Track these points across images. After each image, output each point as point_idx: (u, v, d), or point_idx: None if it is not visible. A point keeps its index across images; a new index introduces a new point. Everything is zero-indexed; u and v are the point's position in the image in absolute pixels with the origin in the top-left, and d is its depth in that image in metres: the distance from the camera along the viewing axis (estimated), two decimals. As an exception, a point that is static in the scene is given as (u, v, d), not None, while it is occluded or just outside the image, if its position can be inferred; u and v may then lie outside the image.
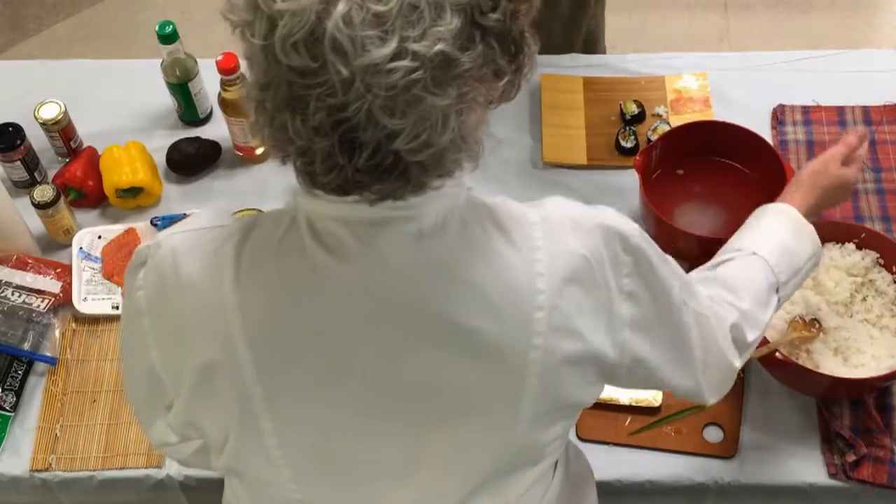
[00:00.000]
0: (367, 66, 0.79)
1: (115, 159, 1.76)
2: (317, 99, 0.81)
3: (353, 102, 0.81)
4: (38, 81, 1.96)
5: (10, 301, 1.64)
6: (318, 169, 0.86)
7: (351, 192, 0.88)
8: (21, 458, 1.53)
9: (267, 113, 0.86)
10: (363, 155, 0.84)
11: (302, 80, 0.81)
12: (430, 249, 0.93)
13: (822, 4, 3.19)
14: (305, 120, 0.83)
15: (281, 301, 0.95)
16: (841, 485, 1.45)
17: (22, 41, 3.27)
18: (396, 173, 0.86)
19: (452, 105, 0.83)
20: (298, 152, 0.87)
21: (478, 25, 0.83)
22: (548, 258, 0.95)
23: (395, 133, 0.82)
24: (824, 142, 1.81)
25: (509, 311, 0.94)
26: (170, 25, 1.76)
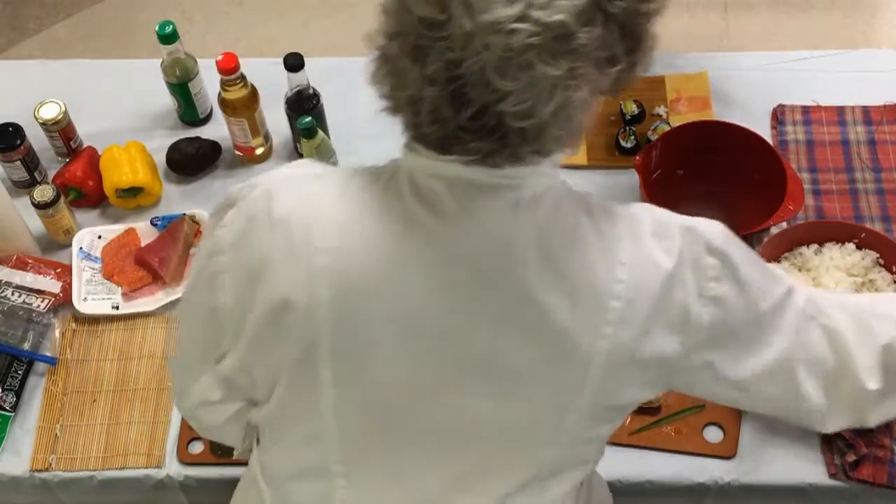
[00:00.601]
0: (490, 24, 0.83)
1: (115, 159, 1.76)
2: (437, 51, 0.86)
3: (469, 58, 0.84)
4: (38, 81, 1.96)
5: (10, 301, 1.65)
6: (424, 119, 0.90)
7: (450, 148, 0.91)
8: (21, 458, 1.53)
9: (388, 61, 0.91)
10: (468, 111, 0.87)
11: (428, 31, 0.86)
12: (523, 221, 0.95)
13: (822, 4, 3.19)
14: (422, 69, 0.87)
15: (372, 247, 0.96)
16: (841, 485, 1.45)
17: (22, 41, 3.27)
18: (496, 136, 0.89)
19: (562, 78, 0.85)
20: (409, 101, 0.90)
21: (601, 8, 0.86)
22: (631, 251, 0.97)
23: (503, 95, 0.85)
24: (824, 142, 1.81)
25: (586, 294, 0.96)
26: (170, 25, 1.76)
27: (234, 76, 1.71)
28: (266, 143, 1.84)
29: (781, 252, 1.58)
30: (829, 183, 1.77)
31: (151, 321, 1.66)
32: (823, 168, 1.78)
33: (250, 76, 1.74)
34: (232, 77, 1.71)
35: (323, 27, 3.24)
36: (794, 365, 1.07)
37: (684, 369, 1.02)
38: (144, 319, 1.66)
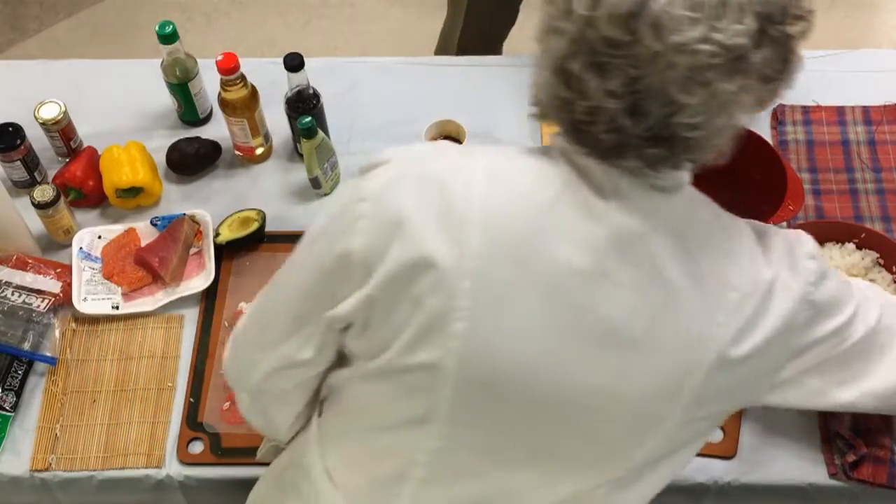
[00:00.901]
0: (677, 45, 0.91)
1: (115, 159, 1.76)
2: (618, 68, 0.93)
3: (651, 75, 0.92)
4: (38, 81, 1.96)
5: (10, 301, 1.65)
6: (600, 128, 0.97)
7: (621, 153, 0.99)
8: (21, 458, 1.53)
9: (567, 75, 0.97)
10: (646, 122, 0.95)
11: (610, 49, 0.93)
12: (665, 203, 1.03)
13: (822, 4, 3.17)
14: (604, 83, 0.94)
15: (527, 205, 1.01)
16: (841, 485, 1.45)
17: (22, 41, 3.27)
18: (666, 144, 0.97)
19: (735, 94, 0.94)
20: (587, 111, 0.97)
21: (766, 32, 0.94)
22: (750, 251, 1.06)
23: (680, 108, 0.94)
24: (824, 142, 1.81)
25: (710, 282, 1.03)
26: (170, 25, 1.76)
27: (234, 76, 1.71)
28: (266, 143, 1.84)
29: (781, 252, 1.58)
30: (829, 183, 1.77)
31: (151, 321, 1.66)
32: (823, 168, 1.79)
33: (250, 76, 1.74)
34: (232, 77, 1.71)
35: (323, 27, 3.24)
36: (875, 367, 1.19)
37: (780, 375, 1.11)
38: (144, 319, 1.66)
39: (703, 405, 1.07)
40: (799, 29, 0.97)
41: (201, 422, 1.54)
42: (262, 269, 1.70)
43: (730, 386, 1.07)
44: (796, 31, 0.97)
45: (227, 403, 1.56)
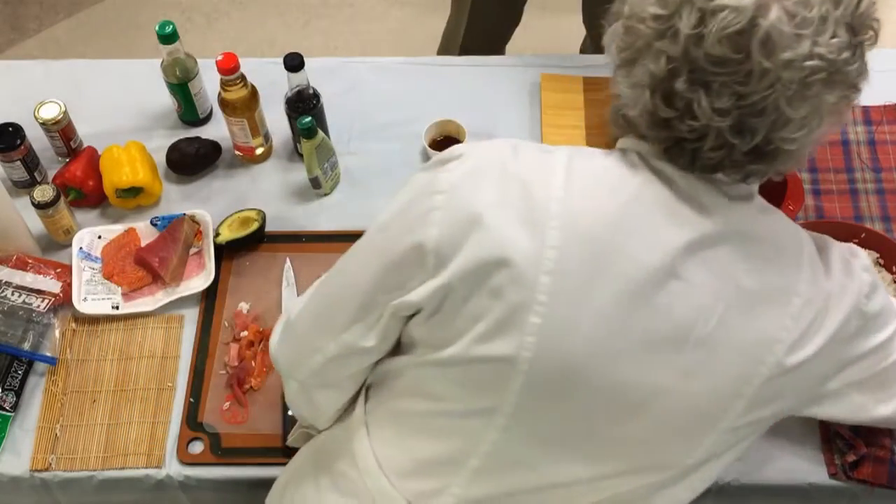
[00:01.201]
0: (786, 62, 0.94)
1: (115, 159, 1.76)
2: (724, 85, 0.96)
3: (760, 91, 0.96)
4: (38, 81, 1.96)
5: (10, 301, 1.65)
6: (708, 146, 1.00)
7: (721, 169, 1.03)
8: (21, 458, 1.53)
9: (670, 95, 0.99)
10: (753, 138, 0.99)
11: (716, 68, 0.96)
12: (737, 210, 1.06)
13: (822, 4, 3.19)
14: (712, 101, 0.97)
15: (602, 203, 1.04)
16: (841, 485, 1.45)
17: (22, 41, 3.27)
18: (767, 159, 1.02)
19: (834, 105, 1.00)
20: (692, 130, 1.00)
21: (853, 44, 0.99)
22: (811, 257, 1.09)
23: (786, 121, 0.98)
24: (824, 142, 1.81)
25: (775, 284, 1.06)
26: (170, 25, 1.76)
27: (234, 76, 1.71)
28: (266, 143, 1.84)
29: (781, 252, 1.58)
30: (829, 183, 1.77)
31: (151, 321, 1.66)
32: (823, 168, 1.79)
33: (250, 76, 1.74)
34: (232, 77, 1.71)
35: (323, 27, 3.24)
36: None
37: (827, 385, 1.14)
38: (144, 319, 1.66)
39: (754, 410, 1.09)
40: (871, 37, 1.02)
41: (201, 422, 1.54)
42: (262, 269, 1.70)
43: (781, 392, 1.09)
44: (870, 39, 1.02)
45: (226, 403, 1.56)
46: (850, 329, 1.10)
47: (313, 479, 1.28)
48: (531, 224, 1.02)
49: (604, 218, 1.03)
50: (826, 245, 1.13)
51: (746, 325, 1.05)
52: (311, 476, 1.29)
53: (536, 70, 1.94)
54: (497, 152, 1.08)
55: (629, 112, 1.05)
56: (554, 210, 1.02)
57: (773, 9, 0.94)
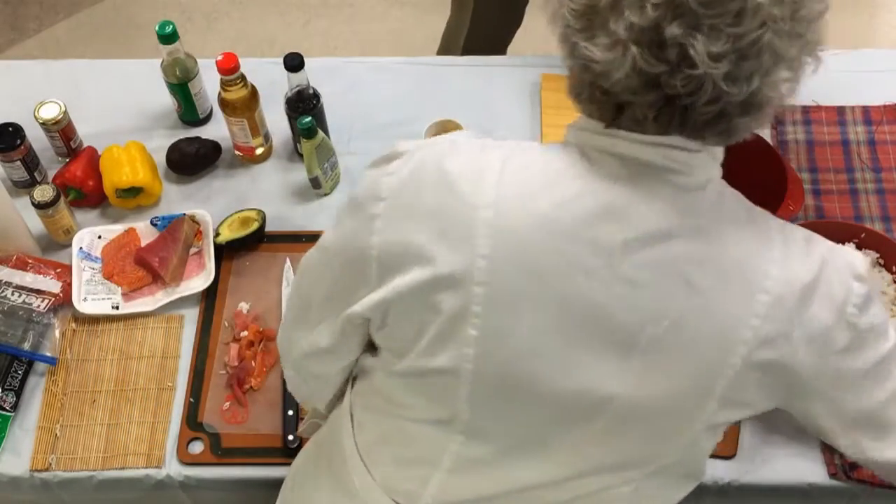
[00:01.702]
0: None
1: (115, 159, 1.76)
2: (712, 28, 0.89)
3: (753, 31, 0.90)
4: (38, 81, 1.96)
5: (10, 301, 1.65)
6: (703, 99, 0.93)
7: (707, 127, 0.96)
8: (21, 458, 1.53)
9: (662, 44, 0.91)
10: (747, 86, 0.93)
11: (703, 9, 0.89)
12: (687, 203, 1.00)
13: (822, 4, 3.19)
14: (709, 45, 0.90)
15: (537, 208, 0.99)
16: (841, 485, 1.45)
17: (22, 41, 3.27)
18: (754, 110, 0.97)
19: (815, 44, 0.98)
20: (687, 81, 0.91)
21: None
22: (782, 251, 1.02)
23: (779, 64, 0.94)
24: (824, 142, 1.81)
25: (737, 282, 0.99)
26: (170, 25, 1.76)
27: (234, 76, 1.71)
28: (266, 143, 1.84)
29: (781, 252, 1.58)
30: (829, 183, 1.77)
31: (151, 321, 1.66)
32: (823, 168, 1.79)
33: (250, 76, 1.74)
34: (232, 77, 1.71)
35: (323, 27, 3.24)
36: None
37: (810, 393, 1.06)
38: (144, 319, 1.66)
39: (731, 407, 1.05)
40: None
41: (201, 422, 1.54)
42: (262, 269, 1.70)
43: (763, 387, 1.04)
44: None
45: (226, 403, 1.56)
46: (839, 341, 1.03)
47: (314, 478, 1.28)
48: (463, 233, 0.99)
49: (537, 222, 0.98)
50: (812, 240, 1.06)
51: (703, 325, 1.00)
52: (311, 475, 1.29)
53: (536, 70, 1.94)
54: (436, 152, 1.04)
55: (609, 79, 0.95)
56: (484, 217, 0.98)
57: None
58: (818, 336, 1.02)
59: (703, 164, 1.01)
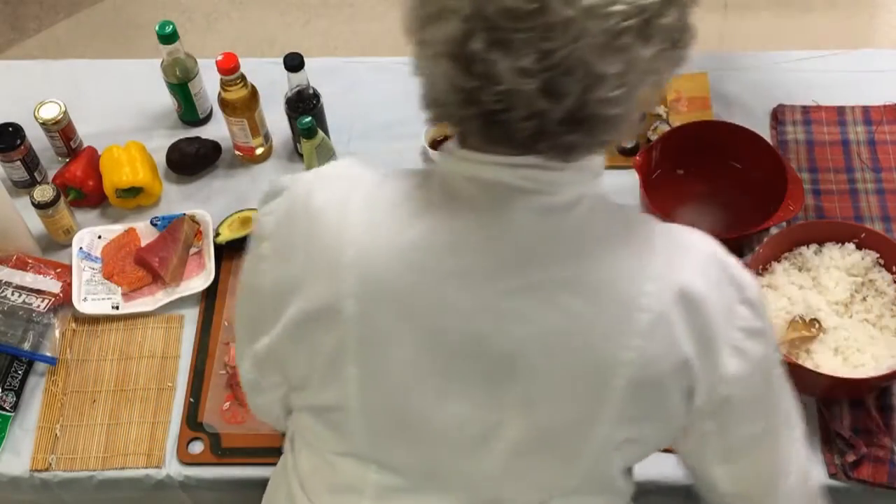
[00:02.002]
0: (589, 8, 0.83)
1: (115, 159, 1.76)
2: (526, 42, 0.84)
3: (565, 46, 0.84)
4: (38, 81, 1.96)
5: (10, 301, 1.65)
6: (517, 115, 0.88)
7: (537, 144, 0.90)
8: (21, 458, 1.53)
9: (466, 59, 0.87)
10: (565, 102, 0.87)
11: (513, 23, 0.84)
12: (552, 225, 0.95)
13: (822, 4, 3.19)
14: (514, 61, 0.85)
15: (398, 244, 0.97)
16: (841, 485, 1.45)
17: (22, 41, 3.27)
18: (585, 127, 0.89)
19: (652, 60, 0.88)
20: (499, 98, 0.87)
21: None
22: (662, 268, 0.96)
23: (599, 81, 0.86)
24: (824, 142, 1.81)
25: (611, 303, 0.95)
26: (170, 25, 1.76)
27: (234, 76, 1.71)
28: (266, 143, 1.84)
29: (781, 252, 1.58)
30: (829, 183, 1.77)
31: (151, 321, 1.66)
32: (823, 168, 1.78)
33: (250, 76, 1.74)
34: (232, 77, 1.71)
35: (323, 27, 3.24)
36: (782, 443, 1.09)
37: (702, 416, 1.02)
38: (144, 319, 1.66)
39: (632, 425, 1.00)
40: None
41: (201, 422, 1.54)
42: (262, 269, 1.70)
43: (664, 402, 0.99)
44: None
45: (226, 403, 1.56)
46: (727, 364, 0.98)
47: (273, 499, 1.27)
48: (331, 271, 0.97)
49: (401, 258, 0.96)
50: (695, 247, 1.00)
51: (578, 350, 0.96)
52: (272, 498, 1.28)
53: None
54: (305, 188, 1.02)
55: (435, 93, 0.93)
56: (349, 254, 0.97)
57: None
58: (705, 358, 0.97)
59: (570, 181, 0.95)
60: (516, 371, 0.97)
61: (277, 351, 1.06)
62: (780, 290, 1.54)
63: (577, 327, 0.95)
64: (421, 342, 0.98)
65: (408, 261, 0.96)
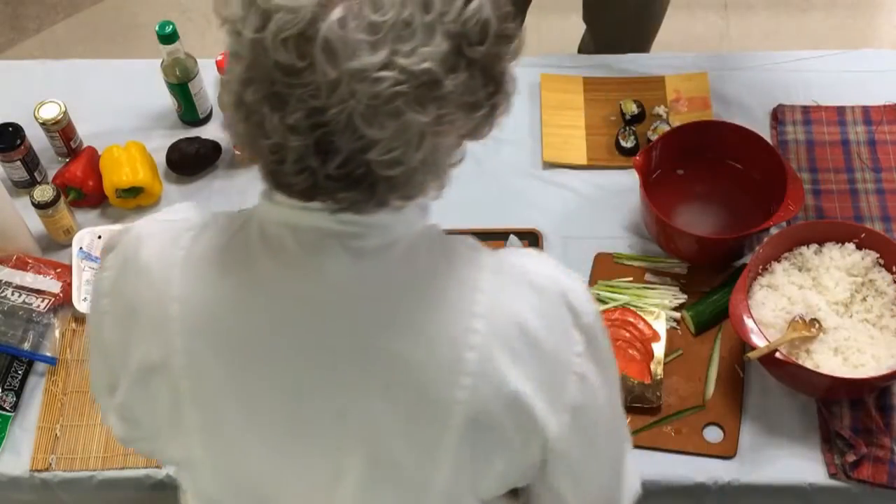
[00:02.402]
0: (355, 72, 0.80)
1: (115, 159, 1.76)
2: (298, 99, 0.82)
3: (334, 106, 0.81)
4: (38, 81, 1.96)
5: (10, 301, 1.65)
6: (289, 168, 0.86)
7: (315, 197, 0.89)
8: (21, 458, 1.53)
9: (245, 108, 0.86)
10: (335, 160, 0.84)
11: (286, 77, 0.82)
12: (368, 269, 0.93)
13: (822, 4, 3.19)
14: (283, 117, 0.83)
15: (218, 297, 0.96)
16: (841, 485, 1.45)
17: (22, 41, 3.27)
18: (364, 185, 0.86)
19: (430, 125, 0.84)
20: (271, 149, 0.86)
21: (464, 55, 0.84)
22: (489, 303, 0.94)
23: (371, 143, 0.83)
24: (824, 142, 1.81)
25: (439, 344, 0.93)
26: (170, 25, 1.76)
27: (234, 76, 1.70)
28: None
29: (781, 252, 1.58)
30: (829, 183, 1.77)
31: (151, 321, 1.66)
32: (823, 168, 1.78)
33: (250, 76, 1.74)
34: (232, 77, 1.70)
35: (323, 27, 3.24)
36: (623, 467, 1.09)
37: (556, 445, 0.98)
38: (144, 319, 1.66)
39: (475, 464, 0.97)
40: (506, 50, 0.88)
41: (201, 422, 1.54)
42: (261, 269, 1.70)
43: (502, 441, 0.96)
44: (503, 51, 0.87)
45: (227, 403, 1.55)
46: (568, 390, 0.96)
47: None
48: (161, 327, 0.97)
49: (221, 316, 0.95)
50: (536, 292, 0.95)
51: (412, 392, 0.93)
52: None
53: (536, 70, 1.94)
54: (132, 243, 1.01)
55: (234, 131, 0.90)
56: (174, 311, 0.96)
57: (335, 10, 0.79)
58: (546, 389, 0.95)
59: (385, 223, 0.92)
60: (352, 419, 0.95)
61: (132, 403, 1.05)
62: (780, 291, 1.54)
63: (405, 371, 0.93)
64: (251, 396, 0.97)
65: (226, 321, 0.96)
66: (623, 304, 1.62)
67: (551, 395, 0.95)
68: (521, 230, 1.71)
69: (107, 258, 1.05)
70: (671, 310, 1.61)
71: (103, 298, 1.03)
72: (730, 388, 1.53)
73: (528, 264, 0.99)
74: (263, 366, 0.96)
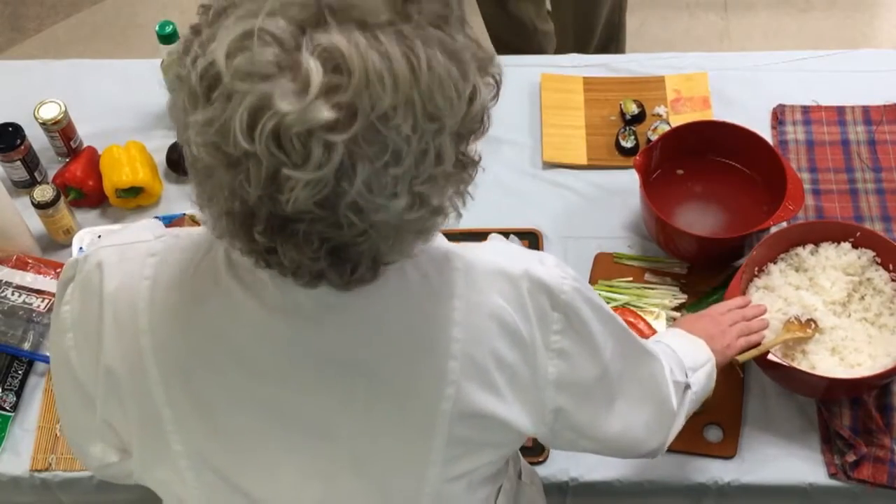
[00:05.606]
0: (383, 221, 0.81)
1: (115, 159, 1.76)
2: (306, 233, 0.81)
3: (351, 238, 0.82)
4: (38, 81, 1.96)
5: (10, 301, 1.65)
6: (301, 281, 0.87)
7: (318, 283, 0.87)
8: (21, 458, 1.53)
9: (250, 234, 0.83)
10: (348, 265, 0.85)
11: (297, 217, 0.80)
12: (347, 296, 0.91)
13: (822, 4, 3.19)
14: (300, 249, 0.82)
15: (190, 328, 0.95)
16: (841, 485, 1.45)
17: (22, 41, 3.27)
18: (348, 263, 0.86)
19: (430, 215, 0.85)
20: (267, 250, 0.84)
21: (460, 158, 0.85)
22: (465, 307, 0.94)
23: (384, 253, 0.85)
24: (824, 142, 1.81)
25: (421, 361, 0.94)
26: (170, 25, 1.76)
27: (234, 76, 1.70)
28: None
29: (777, 253, 1.58)
30: (829, 183, 1.77)
31: (151, 321, 1.66)
32: (823, 168, 1.79)
33: (250, 76, 1.74)
34: (232, 77, 1.70)
35: (323, 27, 3.24)
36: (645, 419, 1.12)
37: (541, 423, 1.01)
38: (144, 319, 1.66)
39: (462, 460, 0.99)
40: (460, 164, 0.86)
41: (201, 422, 1.54)
42: (262, 269, 1.70)
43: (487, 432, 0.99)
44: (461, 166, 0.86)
45: (227, 403, 1.55)
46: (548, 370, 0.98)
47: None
48: (135, 359, 0.96)
49: (194, 347, 0.95)
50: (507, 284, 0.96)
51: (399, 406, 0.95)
52: None
53: (536, 70, 1.94)
54: (94, 276, 0.98)
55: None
56: (146, 343, 0.95)
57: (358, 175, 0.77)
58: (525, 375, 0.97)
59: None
60: (340, 440, 0.96)
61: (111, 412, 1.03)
62: (776, 292, 1.54)
63: (390, 390, 0.95)
64: (234, 423, 0.97)
65: (200, 347, 0.95)
66: (623, 304, 1.62)
67: (534, 381, 0.98)
68: (521, 230, 1.72)
69: (65, 291, 1.01)
70: (671, 310, 1.61)
71: (66, 334, 1.01)
72: (730, 389, 1.53)
73: (499, 258, 0.99)
74: (244, 392, 0.96)
